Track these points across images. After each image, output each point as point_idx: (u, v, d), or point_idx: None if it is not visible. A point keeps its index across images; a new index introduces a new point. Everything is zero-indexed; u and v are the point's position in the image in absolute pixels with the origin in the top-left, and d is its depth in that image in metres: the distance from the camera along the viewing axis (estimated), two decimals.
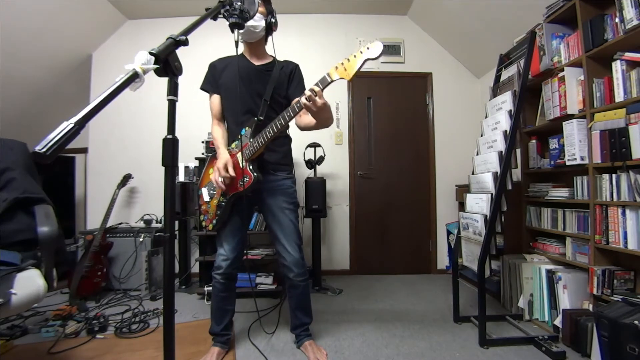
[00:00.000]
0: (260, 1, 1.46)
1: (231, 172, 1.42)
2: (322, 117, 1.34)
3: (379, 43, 1.15)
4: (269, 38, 1.59)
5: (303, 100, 1.25)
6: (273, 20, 1.54)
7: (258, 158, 1.48)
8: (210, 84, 1.62)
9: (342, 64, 1.22)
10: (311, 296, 2.47)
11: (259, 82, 1.55)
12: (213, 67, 1.62)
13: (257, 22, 1.47)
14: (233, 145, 1.53)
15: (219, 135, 1.58)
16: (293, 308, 1.66)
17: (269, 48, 1.59)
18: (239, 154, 1.46)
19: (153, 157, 3.06)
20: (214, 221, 1.54)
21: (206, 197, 1.58)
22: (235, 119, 1.56)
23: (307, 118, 1.45)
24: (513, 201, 2.02)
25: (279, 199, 1.56)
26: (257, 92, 1.54)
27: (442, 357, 1.58)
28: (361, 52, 1.18)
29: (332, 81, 1.24)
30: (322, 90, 1.25)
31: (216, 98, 1.61)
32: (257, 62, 1.59)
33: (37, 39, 2.62)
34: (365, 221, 3.18)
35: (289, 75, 1.59)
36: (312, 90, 1.24)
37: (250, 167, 1.45)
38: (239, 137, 1.48)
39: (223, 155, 1.48)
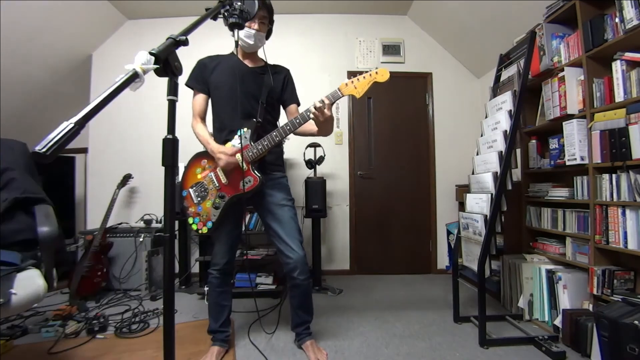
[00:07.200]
0: (264, 15, 1.51)
1: (235, 158, 1.42)
2: (326, 127, 1.45)
3: (387, 73, 1.35)
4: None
5: (312, 109, 1.34)
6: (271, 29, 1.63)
7: (259, 160, 1.48)
8: (197, 82, 1.56)
9: (352, 82, 1.37)
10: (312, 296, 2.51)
11: (253, 84, 1.55)
12: (203, 65, 1.57)
13: (260, 41, 1.54)
14: (228, 144, 1.49)
15: (206, 132, 1.53)
16: (295, 307, 1.63)
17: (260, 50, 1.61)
18: (239, 155, 1.43)
19: (153, 157, 3.06)
20: (209, 223, 1.48)
21: (195, 199, 1.51)
22: (230, 120, 1.51)
23: (308, 125, 1.49)
24: (513, 201, 2.03)
25: (278, 196, 1.56)
26: (252, 94, 1.54)
27: (442, 357, 1.58)
28: (370, 75, 1.35)
29: (342, 96, 1.38)
30: (332, 104, 1.36)
31: (201, 97, 1.56)
32: (250, 64, 1.59)
33: (37, 38, 2.62)
34: (365, 221, 3.18)
35: (282, 81, 1.63)
36: (322, 101, 1.33)
37: (254, 169, 1.44)
38: (239, 136, 1.46)
39: (219, 146, 1.46)
